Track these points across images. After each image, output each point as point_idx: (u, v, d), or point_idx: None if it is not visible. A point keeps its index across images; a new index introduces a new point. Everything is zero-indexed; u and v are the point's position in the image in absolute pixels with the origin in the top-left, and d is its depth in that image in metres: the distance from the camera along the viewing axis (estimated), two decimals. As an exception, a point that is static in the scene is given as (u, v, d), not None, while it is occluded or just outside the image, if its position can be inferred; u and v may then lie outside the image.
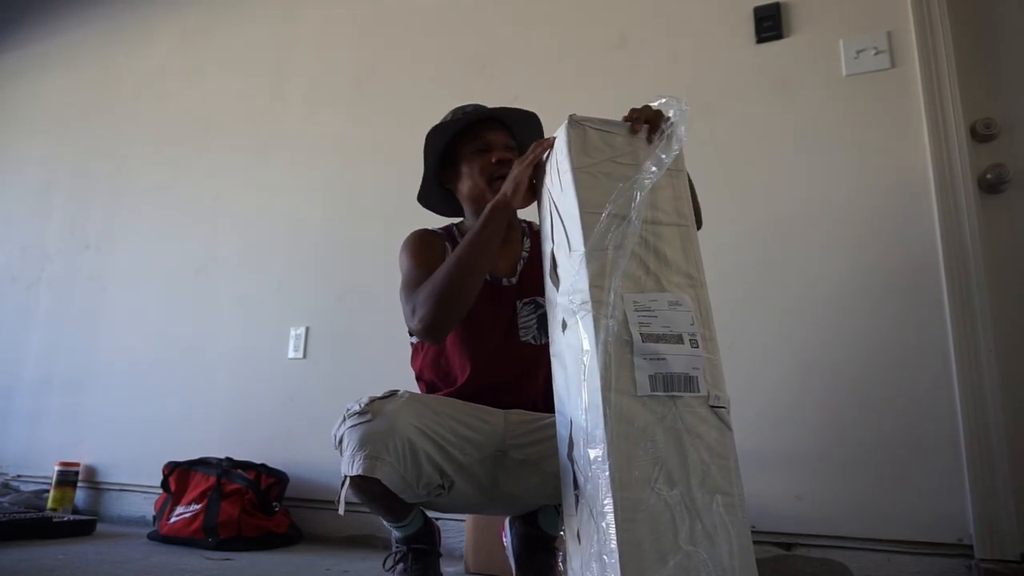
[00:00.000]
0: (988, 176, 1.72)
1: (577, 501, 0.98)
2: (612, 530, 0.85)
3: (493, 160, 1.37)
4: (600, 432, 0.90)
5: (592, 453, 0.91)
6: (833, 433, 1.69)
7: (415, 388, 1.45)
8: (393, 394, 1.23)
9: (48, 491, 2.62)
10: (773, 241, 1.86)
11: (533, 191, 1.24)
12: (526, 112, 1.45)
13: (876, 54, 1.84)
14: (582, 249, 1.00)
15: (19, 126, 3.59)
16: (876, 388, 1.68)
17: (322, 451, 1.26)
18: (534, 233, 1.49)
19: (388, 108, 2.57)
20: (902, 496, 1.60)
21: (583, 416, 0.95)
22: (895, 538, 1.59)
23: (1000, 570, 1.46)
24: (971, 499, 1.54)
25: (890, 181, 1.77)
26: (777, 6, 1.98)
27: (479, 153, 1.40)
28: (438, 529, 1.42)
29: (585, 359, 0.96)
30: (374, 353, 2.31)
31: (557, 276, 1.11)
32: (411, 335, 1.45)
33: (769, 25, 1.98)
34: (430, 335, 1.25)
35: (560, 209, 1.11)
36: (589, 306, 0.96)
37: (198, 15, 3.14)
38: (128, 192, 3.09)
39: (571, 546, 1.02)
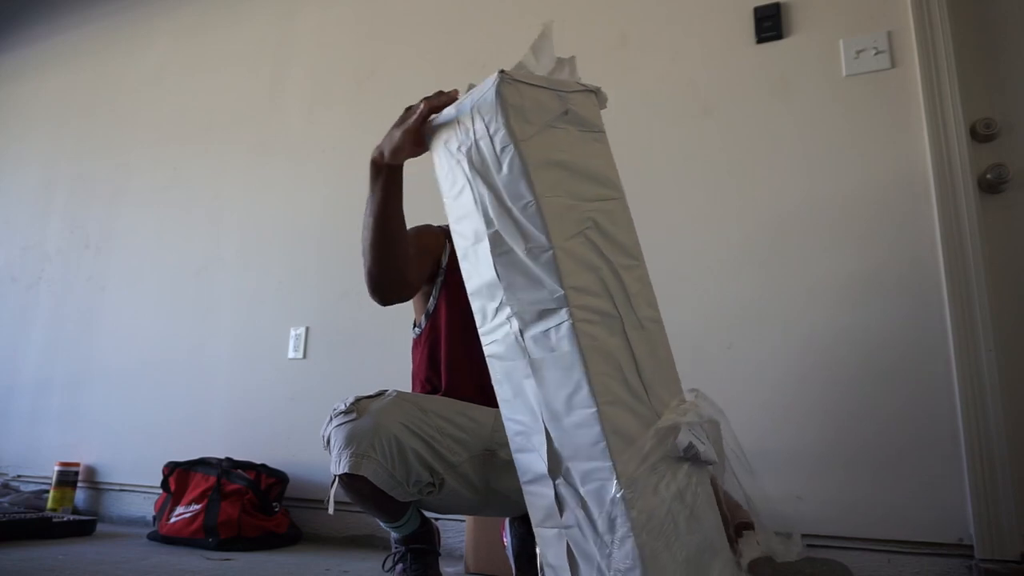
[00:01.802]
0: (988, 176, 1.72)
1: (561, 520, 0.92)
2: (630, 545, 0.82)
3: None
4: (601, 447, 0.84)
5: (589, 466, 0.87)
6: (833, 433, 1.69)
7: (415, 389, 1.45)
8: (381, 394, 1.24)
9: (48, 491, 2.62)
10: (773, 241, 1.86)
11: (417, 144, 1.16)
12: None
13: (876, 54, 1.84)
14: (548, 244, 0.87)
15: (19, 126, 3.58)
16: (876, 388, 1.68)
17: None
18: None
19: (388, 108, 2.54)
20: (902, 496, 1.60)
21: (574, 431, 0.88)
22: (895, 538, 1.59)
23: (1000, 570, 1.46)
24: (971, 499, 1.54)
25: (890, 181, 1.77)
26: (777, 6, 1.98)
27: None
28: (437, 529, 1.42)
29: (572, 366, 0.87)
30: (374, 353, 2.31)
31: (504, 272, 0.94)
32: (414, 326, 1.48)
33: (769, 25, 1.98)
34: (372, 295, 1.28)
35: (505, 192, 0.91)
36: (568, 311, 0.86)
37: (198, 14, 3.14)
38: (128, 192, 3.08)
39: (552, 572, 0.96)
